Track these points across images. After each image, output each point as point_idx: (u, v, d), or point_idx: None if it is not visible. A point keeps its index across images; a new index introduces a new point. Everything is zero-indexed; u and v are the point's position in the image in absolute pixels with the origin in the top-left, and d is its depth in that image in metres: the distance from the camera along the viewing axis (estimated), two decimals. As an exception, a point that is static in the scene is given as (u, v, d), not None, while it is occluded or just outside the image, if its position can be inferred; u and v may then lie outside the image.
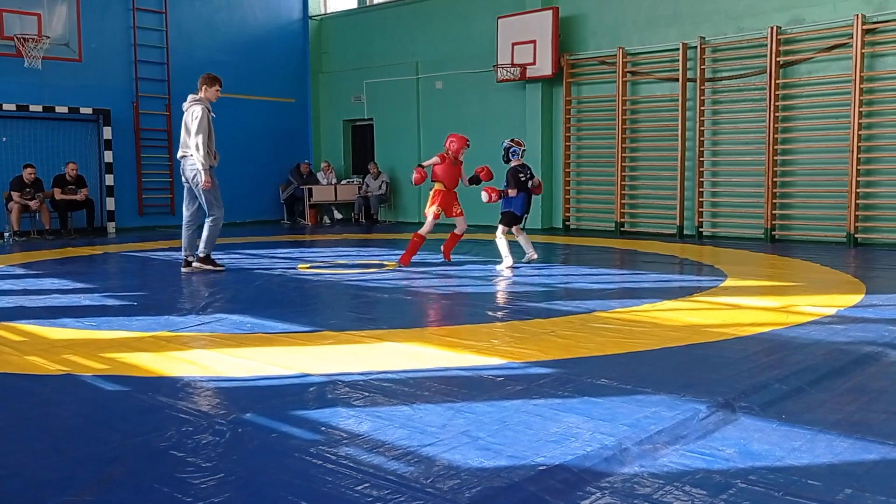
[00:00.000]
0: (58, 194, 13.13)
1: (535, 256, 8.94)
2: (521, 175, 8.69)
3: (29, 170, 12.86)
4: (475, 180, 9.01)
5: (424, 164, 9.01)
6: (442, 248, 9.24)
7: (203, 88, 8.48)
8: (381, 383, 3.97)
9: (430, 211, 8.84)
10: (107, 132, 14.27)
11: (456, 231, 9.14)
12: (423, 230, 8.96)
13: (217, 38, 16.18)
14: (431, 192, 8.94)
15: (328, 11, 17.99)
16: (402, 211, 16.48)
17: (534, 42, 13.45)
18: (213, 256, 8.82)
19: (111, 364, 4.44)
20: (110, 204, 14.36)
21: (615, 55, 12.88)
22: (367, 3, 17.29)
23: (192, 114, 8.30)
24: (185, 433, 3.25)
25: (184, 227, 8.67)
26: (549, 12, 13.33)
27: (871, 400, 3.64)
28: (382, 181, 16.21)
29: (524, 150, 8.85)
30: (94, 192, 14.19)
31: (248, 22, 16.72)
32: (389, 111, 16.41)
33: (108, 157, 14.31)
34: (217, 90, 8.52)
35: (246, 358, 4.55)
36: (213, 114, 8.48)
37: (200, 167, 8.20)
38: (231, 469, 2.86)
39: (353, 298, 7.07)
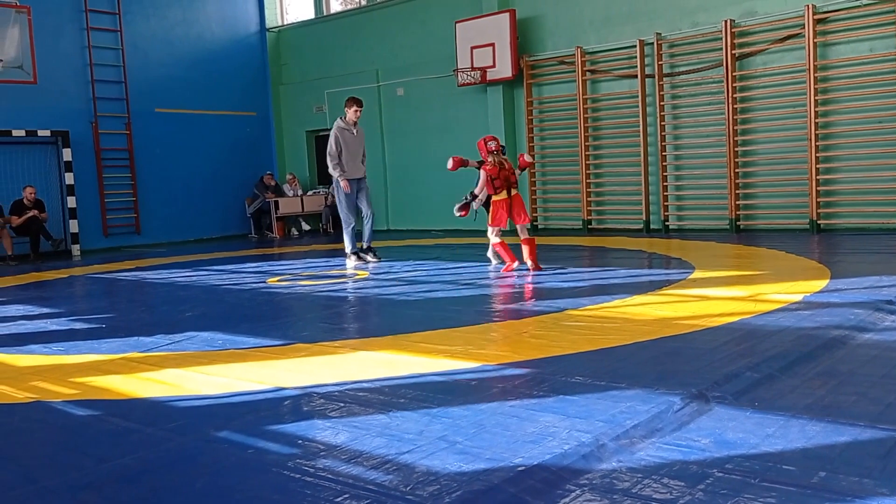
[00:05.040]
0: (15, 221, 12.91)
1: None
2: None
3: (-13, 196, 12.65)
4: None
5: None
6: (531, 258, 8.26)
7: (345, 111, 9.84)
8: (357, 393, 3.95)
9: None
10: (66, 154, 14.04)
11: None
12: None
13: (174, 54, 16.05)
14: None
15: (286, 23, 17.92)
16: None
17: (492, 45, 13.50)
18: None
19: (81, 388, 4.37)
20: (74, 226, 14.13)
21: (574, 55, 12.97)
22: (325, 13, 17.25)
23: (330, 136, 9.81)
24: (159, 455, 3.21)
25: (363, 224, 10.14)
26: (507, 14, 13.40)
27: (840, 383, 3.70)
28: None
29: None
30: (56, 215, 13.99)
31: (204, 37, 16.58)
32: (352, 120, 16.33)
33: (70, 179, 14.07)
34: (355, 110, 9.81)
35: (218, 375, 4.50)
36: (355, 131, 9.84)
37: (332, 174, 9.81)
38: (208, 488, 2.83)
39: (324, 309, 7.04)
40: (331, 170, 9.75)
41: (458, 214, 8.50)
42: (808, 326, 4.89)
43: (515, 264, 8.24)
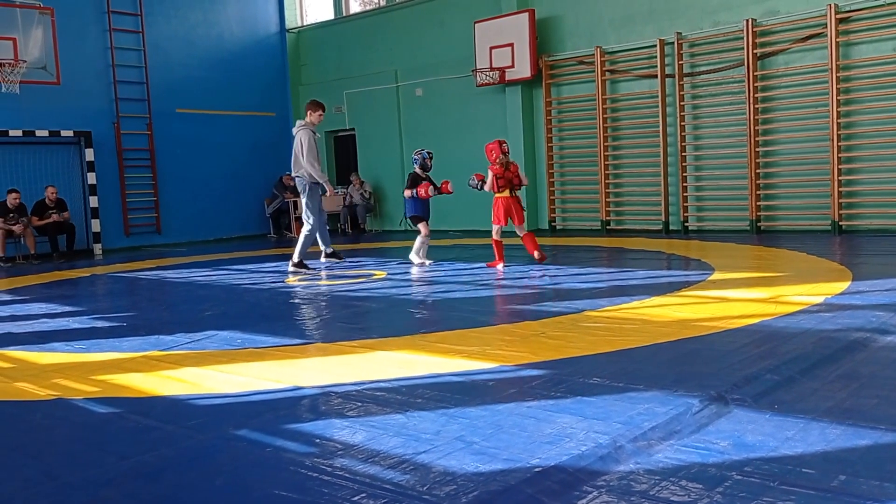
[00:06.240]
0: (35, 221, 13.05)
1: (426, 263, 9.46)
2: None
3: (13, 195, 12.80)
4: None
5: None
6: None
7: (308, 114, 9.64)
8: (374, 393, 3.96)
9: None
10: (89, 154, 14.19)
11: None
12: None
13: (195, 54, 16.17)
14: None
15: (305, 24, 17.99)
16: (389, 220, 16.48)
17: (511, 45, 13.49)
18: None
19: (102, 386, 4.42)
20: (96, 226, 14.27)
21: (593, 54, 12.93)
22: (344, 14, 17.30)
23: (299, 140, 9.51)
24: (179, 452, 3.24)
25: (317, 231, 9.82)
26: (526, 14, 13.38)
27: (861, 386, 3.66)
28: (365, 190, 16.22)
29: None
30: (78, 215, 14.14)
31: (225, 37, 16.70)
32: (371, 120, 16.41)
33: (92, 178, 14.22)
34: (320, 114, 9.70)
35: (237, 373, 4.53)
36: (318, 135, 9.74)
37: (320, 181, 9.53)
38: (227, 486, 2.85)
39: (342, 309, 7.06)
40: (316, 174, 9.51)
41: (429, 192, 9.30)
42: (830, 329, 4.85)
43: (500, 265, 8.72)
